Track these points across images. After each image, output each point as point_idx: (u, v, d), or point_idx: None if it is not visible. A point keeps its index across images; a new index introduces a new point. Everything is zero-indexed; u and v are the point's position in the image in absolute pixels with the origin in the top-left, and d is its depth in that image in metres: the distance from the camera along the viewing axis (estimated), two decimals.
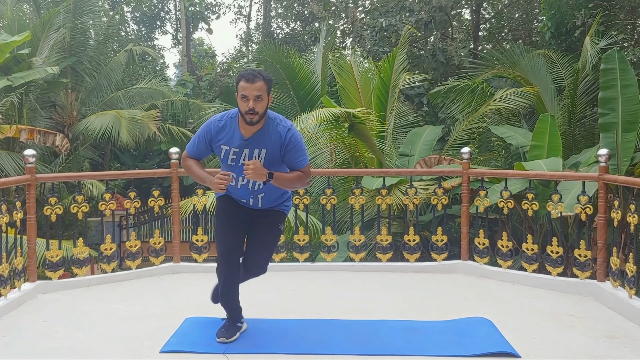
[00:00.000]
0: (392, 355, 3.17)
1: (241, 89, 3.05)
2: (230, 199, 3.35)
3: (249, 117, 3.05)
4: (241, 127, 3.14)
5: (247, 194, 3.26)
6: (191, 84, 21.26)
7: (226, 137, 3.16)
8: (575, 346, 3.31)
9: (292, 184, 3.23)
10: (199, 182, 3.35)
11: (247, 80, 3.03)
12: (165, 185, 10.54)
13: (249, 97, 3.02)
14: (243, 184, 3.23)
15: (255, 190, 3.24)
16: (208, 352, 3.20)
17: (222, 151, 3.18)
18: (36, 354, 3.20)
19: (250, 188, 3.24)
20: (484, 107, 10.50)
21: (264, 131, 3.13)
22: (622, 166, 7.91)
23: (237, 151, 3.15)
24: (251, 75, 3.05)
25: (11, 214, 4.20)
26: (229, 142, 3.16)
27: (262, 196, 3.27)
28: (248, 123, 3.07)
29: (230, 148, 3.15)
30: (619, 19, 10.86)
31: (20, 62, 13.31)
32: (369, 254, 7.30)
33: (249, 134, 3.13)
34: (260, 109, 3.05)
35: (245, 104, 3.04)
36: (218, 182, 3.07)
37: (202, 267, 5.17)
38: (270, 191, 3.27)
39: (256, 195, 3.27)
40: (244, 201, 3.30)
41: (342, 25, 18.23)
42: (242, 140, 3.13)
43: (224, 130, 3.17)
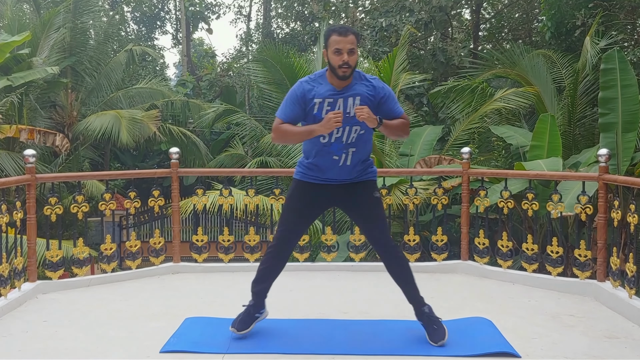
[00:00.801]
0: (392, 355, 3.17)
1: (334, 42, 3.03)
2: (309, 186, 3.27)
3: (342, 71, 3.03)
4: (332, 83, 3.13)
5: (341, 149, 3.18)
6: (191, 84, 21.27)
7: (318, 90, 3.13)
8: (575, 346, 3.31)
9: (399, 130, 3.21)
10: (306, 138, 3.17)
11: (339, 34, 3.03)
12: (165, 185, 10.54)
13: (343, 50, 3.01)
14: (337, 137, 3.15)
15: (348, 143, 3.17)
16: (208, 352, 3.20)
17: (315, 105, 3.13)
18: (36, 354, 3.20)
19: (344, 141, 3.16)
20: (484, 107, 10.50)
21: (354, 83, 3.14)
22: (622, 166, 7.91)
23: (332, 101, 3.11)
24: (343, 29, 3.06)
25: (11, 214, 4.20)
26: (321, 94, 3.13)
27: (353, 151, 3.20)
28: (340, 77, 3.05)
29: (324, 99, 3.12)
30: (619, 19, 10.86)
31: (20, 62, 13.31)
32: (369, 254, 7.30)
33: (340, 87, 3.13)
34: (353, 62, 3.04)
35: (338, 58, 3.02)
36: (333, 117, 2.99)
37: (202, 267, 5.17)
38: (361, 145, 3.21)
39: (348, 149, 3.18)
40: (336, 158, 3.19)
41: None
42: (335, 91, 3.12)
43: (315, 85, 3.15)
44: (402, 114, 3.25)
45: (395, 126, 3.19)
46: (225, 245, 5.21)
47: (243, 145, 16.11)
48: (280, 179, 6.02)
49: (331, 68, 3.09)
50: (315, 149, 3.22)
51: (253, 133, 14.54)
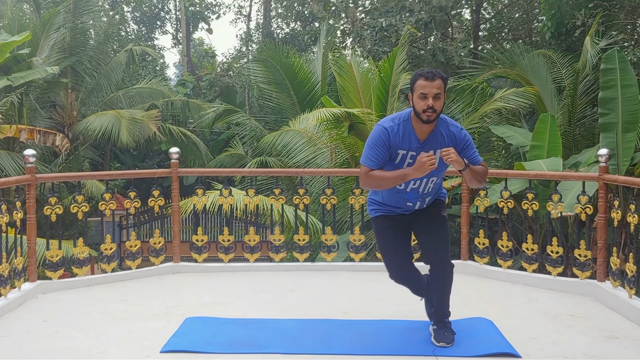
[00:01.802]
0: (392, 355, 3.17)
1: (420, 87, 3.00)
2: (388, 217, 3.31)
3: (427, 116, 3.00)
4: (415, 130, 3.10)
5: (416, 197, 3.21)
6: (191, 84, 21.28)
7: (402, 141, 3.10)
8: (575, 346, 3.31)
9: (480, 176, 3.18)
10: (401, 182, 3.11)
11: (426, 79, 3.00)
12: (165, 185, 10.55)
13: (429, 95, 2.98)
14: (414, 187, 3.17)
15: (424, 193, 3.21)
16: (208, 352, 3.20)
17: (398, 156, 3.12)
18: (36, 354, 3.20)
19: (420, 192, 3.19)
20: (484, 107, 10.50)
21: (437, 131, 3.11)
22: (622, 166, 7.91)
23: (414, 154, 3.09)
24: (430, 74, 3.01)
25: (11, 214, 4.20)
26: (406, 147, 3.10)
27: (429, 199, 3.26)
28: (425, 122, 3.02)
29: (408, 152, 3.10)
30: (619, 19, 10.86)
31: (20, 62, 13.31)
32: (369, 254, 7.30)
33: (423, 136, 3.09)
34: (438, 107, 3.01)
35: (423, 103, 2.99)
36: (427, 161, 2.98)
37: (202, 267, 5.17)
38: (435, 191, 3.25)
39: (424, 198, 3.23)
40: (410, 205, 3.24)
41: (342, 25, 18.22)
42: (418, 144, 3.09)
43: (399, 134, 3.11)
44: (481, 161, 3.24)
45: (479, 171, 3.16)
46: (225, 245, 5.21)
47: (243, 145, 16.11)
48: (280, 179, 6.04)
49: (415, 112, 3.05)
50: (390, 195, 3.23)
51: (253, 133, 14.54)
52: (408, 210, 3.29)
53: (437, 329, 3.32)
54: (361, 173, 3.18)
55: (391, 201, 3.27)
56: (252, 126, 14.53)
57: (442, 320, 3.35)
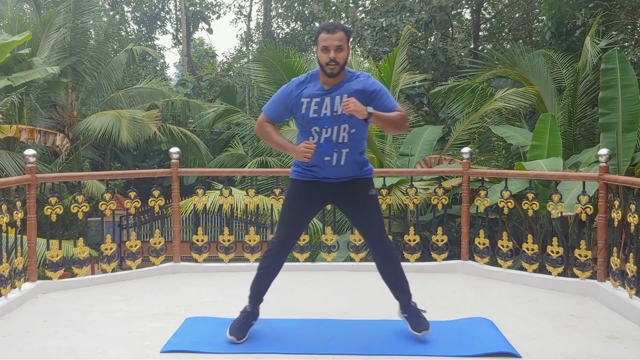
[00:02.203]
0: (392, 355, 3.17)
1: (322, 40, 3.04)
2: (304, 185, 3.26)
3: (330, 68, 3.03)
4: (322, 82, 3.13)
5: (332, 149, 3.14)
6: (191, 84, 21.28)
7: (307, 89, 3.13)
8: (575, 346, 3.31)
9: (394, 122, 3.12)
10: (279, 149, 3.24)
11: (327, 32, 3.04)
12: (166, 185, 10.56)
13: (330, 48, 3.01)
14: (327, 137, 3.12)
15: (339, 143, 3.14)
16: (209, 352, 3.20)
17: (302, 105, 3.12)
18: (36, 354, 3.20)
19: (334, 140, 3.13)
20: (484, 107, 10.50)
21: (345, 81, 3.13)
22: (622, 166, 7.91)
23: (319, 101, 3.10)
24: (331, 26, 3.06)
25: (11, 214, 4.20)
26: (309, 94, 3.12)
27: (346, 152, 3.16)
28: (329, 75, 3.05)
29: (312, 99, 3.11)
30: (620, 19, 10.86)
31: (20, 62, 13.31)
32: (369, 254, 7.29)
33: (329, 86, 3.12)
34: (341, 59, 3.03)
35: (326, 55, 3.02)
36: (304, 151, 3.01)
37: (203, 267, 5.17)
38: (354, 145, 3.17)
39: (340, 149, 3.15)
40: (328, 159, 3.16)
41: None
42: (323, 90, 3.12)
43: (304, 84, 3.15)
44: (397, 107, 3.19)
45: (389, 117, 3.10)
46: (226, 245, 5.21)
47: (243, 145, 16.11)
48: (280, 179, 6.03)
49: (320, 66, 3.09)
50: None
51: (253, 133, 14.53)
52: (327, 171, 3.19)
53: (410, 317, 3.31)
54: (258, 119, 3.31)
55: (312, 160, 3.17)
56: (252, 126, 14.52)
57: (408, 305, 3.33)
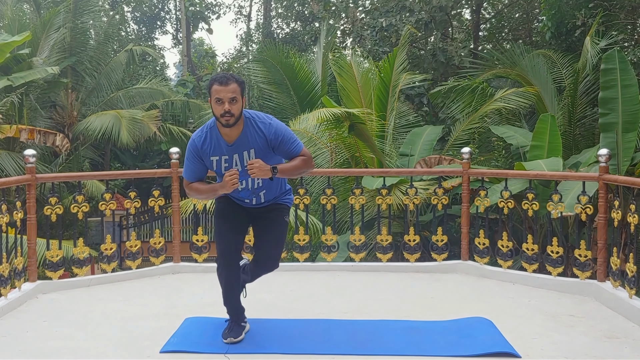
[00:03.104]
0: (392, 355, 3.17)
1: (215, 92, 3.02)
2: (230, 199, 3.36)
3: (225, 120, 3.02)
4: (222, 135, 3.13)
5: (249, 194, 3.28)
6: (191, 84, 21.27)
7: (211, 148, 3.16)
8: (575, 346, 3.31)
9: (298, 170, 3.20)
10: (213, 197, 3.28)
11: (220, 84, 3.02)
12: (166, 185, 10.54)
13: (224, 100, 3.00)
14: (243, 187, 3.23)
15: (255, 188, 3.25)
16: (209, 352, 3.20)
17: (213, 163, 3.18)
18: (36, 354, 3.20)
19: (250, 188, 3.24)
20: (484, 107, 10.50)
21: (246, 132, 3.13)
22: (622, 166, 7.91)
23: (227, 158, 3.15)
24: (224, 78, 3.04)
25: (11, 214, 4.20)
26: (216, 152, 3.16)
27: (263, 193, 3.29)
28: (225, 126, 3.05)
29: (220, 157, 3.16)
30: (619, 19, 10.86)
31: (20, 62, 13.31)
32: (369, 254, 7.31)
33: (232, 140, 3.12)
34: (235, 110, 3.03)
35: (220, 107, 3.02)
36: (229, 180, 3.03)
37: (202, 267, 5.17)
38: (270, 187, 3.27)
39: (258, 193, 3.28)
40: (247, 201, 3.31)
41: (342, 25, 18.23)
42: (227, 146, 3.14)
43: (207, 142, 3.16)
44: (301, 150, 3.22)
45: (293, 167, 3.17)
46: None
47: None
48: None
49: (216, 118, 3.09)
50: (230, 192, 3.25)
51: None
52: (250, 206, 3.34)
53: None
54: (184, 185, 3.31)
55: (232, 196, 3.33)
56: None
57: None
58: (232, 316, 3.39)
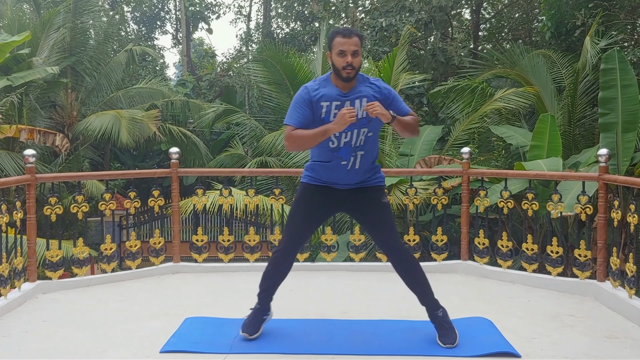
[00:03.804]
0: (392, 355, 3.17)
1: (338, 44, 3.05)
2: (316, 190, 3.27)
3: (346, 73, 3.04)
4: (336, 85, 3.14)
5: (349, 152, 3.17)
6: (191, 84, 21.28)
7: (324, 93, 3.13)
8: (575, 346, 3.31)
9: (411, 126, 3.20)
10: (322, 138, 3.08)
11: (344, 36, 3.05)
12: (165, 185, 10.54)
13: (347, 52, 3.03)
14: (346, 141, 3.15)
15: (357, 146, 3.17)
16: (208, 352, 3.20)
17: (322, 108, 3.13)
18: (36, 354, 3.20)
19: (353, 144, 3.16)
20: (484, 107, 10.50)
21: (359, 85, 3.15)
22: (622, 166, 7.91)
23: (339, 104, 3.11)
24: (347, 31, 3.07)
25: (11, 214, 4.20)
26: (328, 97, 3.12)
27: (361, 154, 3.20)
28: (345, 79, 3.06)
29: (332, 102, 3.12)
30: (619, 19, 10.86)
31: (20, 62, 13.31)
32: (369, 254, 7.31)
33: (346, 90, 3.13)
34: (357, 63, 3.05)
35: (342, 60, 3.03)
36: (346, 113, 2.97)
37: (202, 267, 5.18)
38: (369, 148, 3.22)
39: (357, 152, 3.18)
40: (344, 163, 3.19)
41: (342, 25, 18.24)
42: (341, 93, 3.13)
43: (320, 88, 3.15)
44: (410, 111, 3.27)
45: (408, 122, 3.18)
46: (225, 245, 5.21)
47: (243, 145, 16.11)
48: (280, 179, 6.04)
49: (335, 70, 3.10)
50: (323, 154, 3.21)
51: (253, 133, 14.54)
52: (342, 176, 3.22)
53: (437, 328, 3.29)
54: (285, 135, 3.20)
55: (328, 164, 3.21)
56: (252, 126, 14.53)
57: (435, 315, 3.30)
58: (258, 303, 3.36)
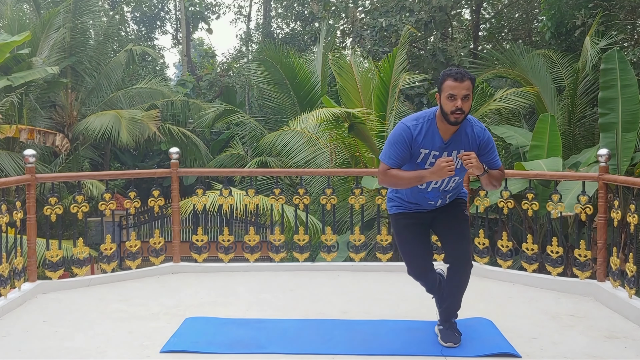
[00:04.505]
0: (392, 355, 3.17)
1: (448, 87, 2.96)
2: (407, 215, 3.31)
3: (455, 117, 2.96)
4: (440, 129, 3.06)
5: (437, 196, 3.20)
6: (191, 84, 21.27)
7: (425, 140, 3.06)
8: (575, 346, 3.31)
9: (498, 181, 3.19)
10: (416, 183, 3.09)
11: (455, 79, 2.96)
12: (165, 185, 10.55)
13: (457, 97, 2.95)
14: (435, 187, 3.17)
15: (445, 190, 3.18)
16: (208, 352, 3.20)
17: (420, 155, 3.08)
18: (36, 354, 3.20)
19: (441, 190, 3.17)
20: (484, 107, 10.50)
21: (461, 131, 3.08)
22: (622, 166, 7.91)
23: (437, 154, 3.07)
24: (460, 74, 2.97)
25: (11, 214, 4.20)
26: (429, 146, 3.06)
27: (449, 196, 3.24)
28: (452, 123, 2.98)
29: (431, 151, 3.08)
30: (619, 19, 10.86)
31: (20, 62, 13.31)
32: (369, 254, 7.29)
33: (447, 136, 3.07)
34: (466, 108, 2.99)
35: (452, 104, 2.95)
36: (446, 166, 2.94)
37: (202, 267, 5.18)
38: (456, 188, 3.24)
39: (445, 196, 3.21)
40: (431, 203, 3.23)
41: (342, 25, 18.23)
42: (442, 143, 3.07)
43: (422, 133, 3.07)
44: (501, 166, 3.24)
45: (496, 177, 3.16)
46: (225, 245, 5.21)
47: (243, 145, 16.11)
48: (280, 179, 6.04)
49: (443, 113, 3.00)
50: (412, 193, 3.22)
51: (253, 133, 14.54)
52: (428, 208, 3.28)
53: (444, 329, 3.31)
54: (380, 170, 3.16)
55: (412, 199, 3.25)
56: (252, 126, 14.53)
57: (449, 320, 3.33)
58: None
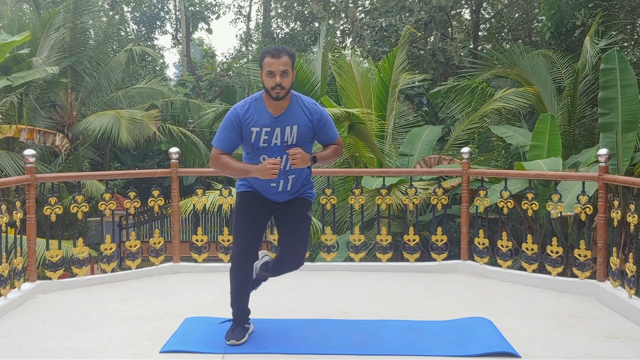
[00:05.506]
0: (392, 355, 3.17)
1: (267, 65, 3.03)
2: (253, 195, 3.28)
3: (275, 93, 3.02)
4: (268, 107, 3.11)
5: (279, 176, 3.18)
6: (191, 84, 21.26)
7: (254, 117, 3.11)
8: (575, 346, 3.31)
9: (333, 158, 3.27)
10: (241, 175, 3.20)
11: (272, 56, 3.02)
12: (165, 185, 10.55)
13: (275, 73, 3.01)
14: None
15: (287, 170, 3.17)
16: (208, 352, 3.20)
17: (252, 134, 3.11)
18: (36, 354, 3.20)
19: (282, 168, 3.15)
20: (483, 107, 10.50)
21: (292, 108, 3.13)
22: (622, 166, 7.91)
23: (269, 130, 3.10)
24: (276, 50, 3.04)
25: (11, 214, 4.20)
26: (258, 123, 3.10)
27: (292, 177, 3.21)
28: (274, 98, 3.04)
29: (262, 128, 3.10)
30: (619, 19, 10.86)
31: (20, 62, 13.30)
32: (369, 254, 7.30)
33: (277, 112, 3.11)
34: (286, 84, 3.04)
35: (271, 80, 3.02)
36: (270, 168, 3.00)
37: (202, 267, 5.18)
38: (300, 171, 3.24)
39: (287, 176, 3.19)
40: (274, 185, 3.21)
41: (342, 25, 18.23)
42: (272, 119, 3.10)
43: (250, 112, 3.12)
44: (337, 138, 3.28)
45: (328, 155, 3.24)
46: (225, 245, 5.21)
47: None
48: None
49: (265, 90, 3.08)
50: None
51: None
52: (273, 194, 3.25)
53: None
54: (212, 155, 3.24)
55: (258, 184, 3.24)
56: None
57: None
58: (236, 317, 3.36)
